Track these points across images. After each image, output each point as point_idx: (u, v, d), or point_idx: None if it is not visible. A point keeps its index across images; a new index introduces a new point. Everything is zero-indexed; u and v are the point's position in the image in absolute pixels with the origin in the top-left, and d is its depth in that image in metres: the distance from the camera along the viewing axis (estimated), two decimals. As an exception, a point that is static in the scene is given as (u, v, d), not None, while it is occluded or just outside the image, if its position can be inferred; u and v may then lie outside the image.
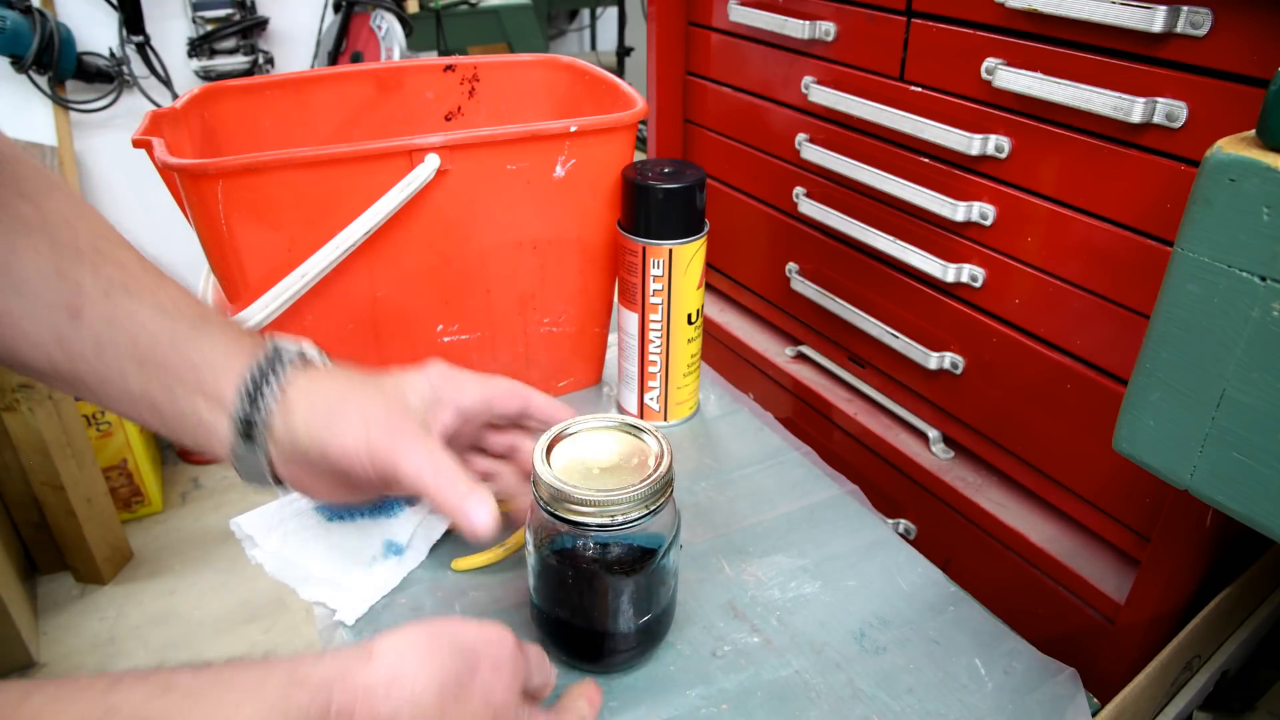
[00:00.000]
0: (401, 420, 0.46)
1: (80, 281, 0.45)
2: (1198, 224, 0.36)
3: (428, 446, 0.45)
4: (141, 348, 0.45)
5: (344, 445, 0.45)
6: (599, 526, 0.45)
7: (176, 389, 0.46)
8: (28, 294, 0.45)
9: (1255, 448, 0.36)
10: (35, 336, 0.45)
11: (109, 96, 1.75)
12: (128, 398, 0.46)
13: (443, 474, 0.44)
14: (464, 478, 0.45)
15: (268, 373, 0.45)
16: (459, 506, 0.44)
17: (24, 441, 1.49)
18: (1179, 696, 0.54)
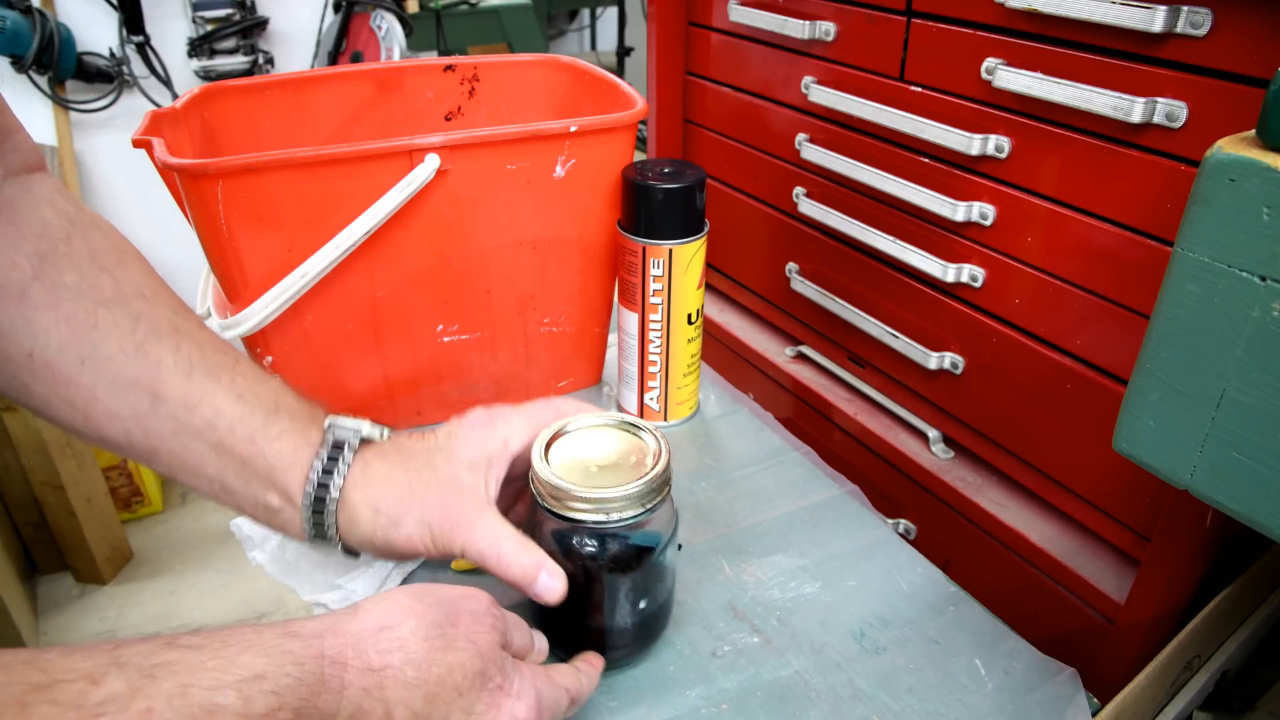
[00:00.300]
0: (458, 503, 0.47)
1: (161, 360, 0.47)
2: (1198, 224, 0.36)
3: (487, 526, 0.47)
4: (219, 433, 0.47)
5: (411, 543, 0.47)
6: (596, 524, 0.45)
7: (251, 480, 0.48)
8: (108, 369, 0.46)
9: (1255, 448, 0.36)
10: (114, 411, 0.47)
11: (109, 96, 1.75)
12: (204, 479, 0.48)
13: (505, 554, 0.46)
14: (525, 552, 0.46)
15: (331, 472, 0.47)
16: (527, 585, 0.46)
17: (24, 441, 1.49)
18: (1179, 696, 0.54)
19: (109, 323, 0.47)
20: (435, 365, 0.69)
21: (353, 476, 0.48)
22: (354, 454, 0.48)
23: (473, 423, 0.51)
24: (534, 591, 0.45)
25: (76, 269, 0.47)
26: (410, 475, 0.48)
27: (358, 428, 0.49)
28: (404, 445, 0.50)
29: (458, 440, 0.50)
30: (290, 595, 0.55)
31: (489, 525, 0.47)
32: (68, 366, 0.46)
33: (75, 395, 0.46)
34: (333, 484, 0.47)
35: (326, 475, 0.47)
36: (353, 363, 0.66)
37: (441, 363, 0.69)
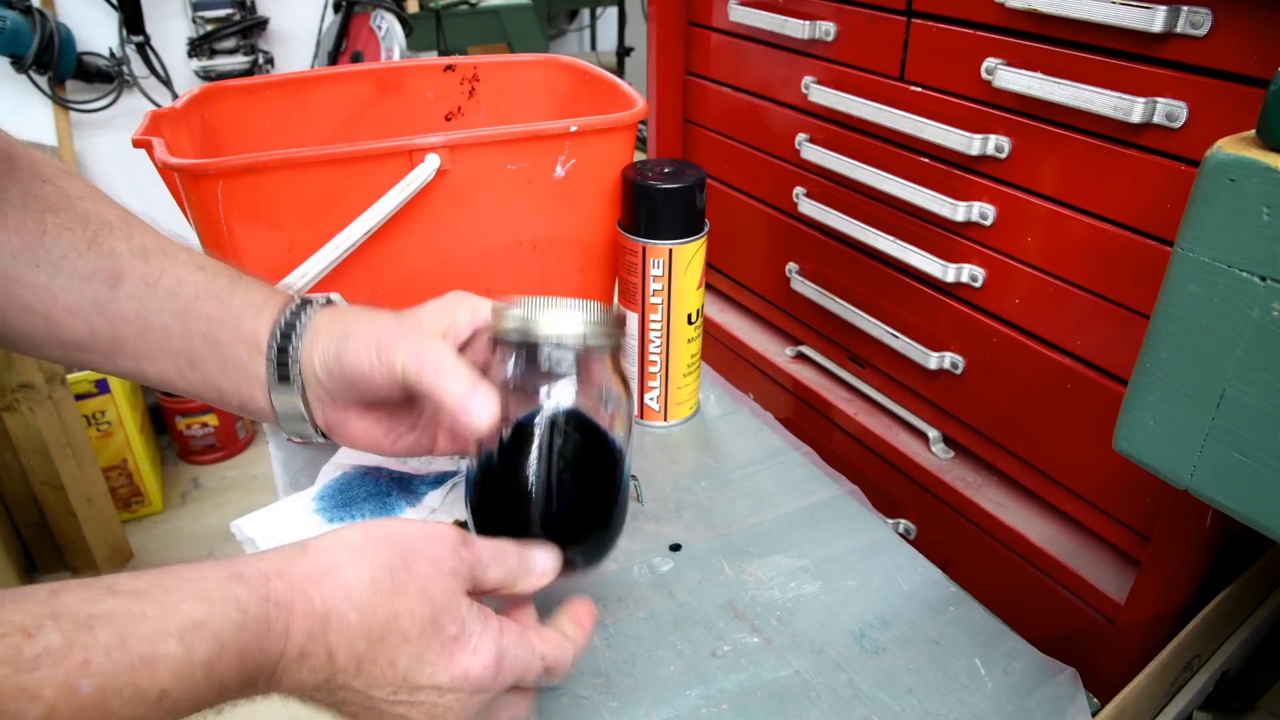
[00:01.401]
0: (411, 328, 0.47)
1: (115, 249, 0.48)
2: (1198, 224, 0.36)
3: (432, 345, 0.46)
4: (182, 301, 0.47)
5: (357, 356, 0.46)
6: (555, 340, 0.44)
7: (218, 336, 0.48)
8: (64, 268, 0.47)
9: (1255, 448, 0.36)
10: (74, 306, 0.47)
11: (109, 96, 1.76)
12: (169, 353, 0.48)
13: (444, 371, 0.45)
14: (466, 374, 0.45)
15: (299, 312, 0.48)
16: (457, 402, 0.44)
17: (24, 441, 1.49)
18: (1179, 696, 0.54)
19: (58, 226, 0.47)
20: (435, 365, 0.69)
21: (320, 315, 0.48)
22: (319, 308, 0.49)
23: (445, 298, 0.51)
24: (467, 415, 0.44)
25: (19, 185, 0.47)
26: (373, 316, 0.49)
27: (324, 296, 0.50)
28: (369, 308, 0.51)
29: (426, 308, 0.50)
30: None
31: (434, 345, 0.46)
32: (22, 272, 0.46)
33: (34, 299, 0.46)
34: (302, 316, 0.48)
35: (295, 314, 0.48)
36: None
37: (441, 363, 0.69)
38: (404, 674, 0.37)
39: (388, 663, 0.37)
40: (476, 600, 0.41)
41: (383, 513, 0.59)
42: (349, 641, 0.36)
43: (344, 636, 0.36)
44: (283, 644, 0.35)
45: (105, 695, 0.29)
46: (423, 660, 0.38)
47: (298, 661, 0.35)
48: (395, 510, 0.59)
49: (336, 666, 0.36)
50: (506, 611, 0.43)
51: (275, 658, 0.34)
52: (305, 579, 0.36)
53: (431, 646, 0.38)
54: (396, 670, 0.37)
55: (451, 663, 0.38)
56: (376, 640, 0.37)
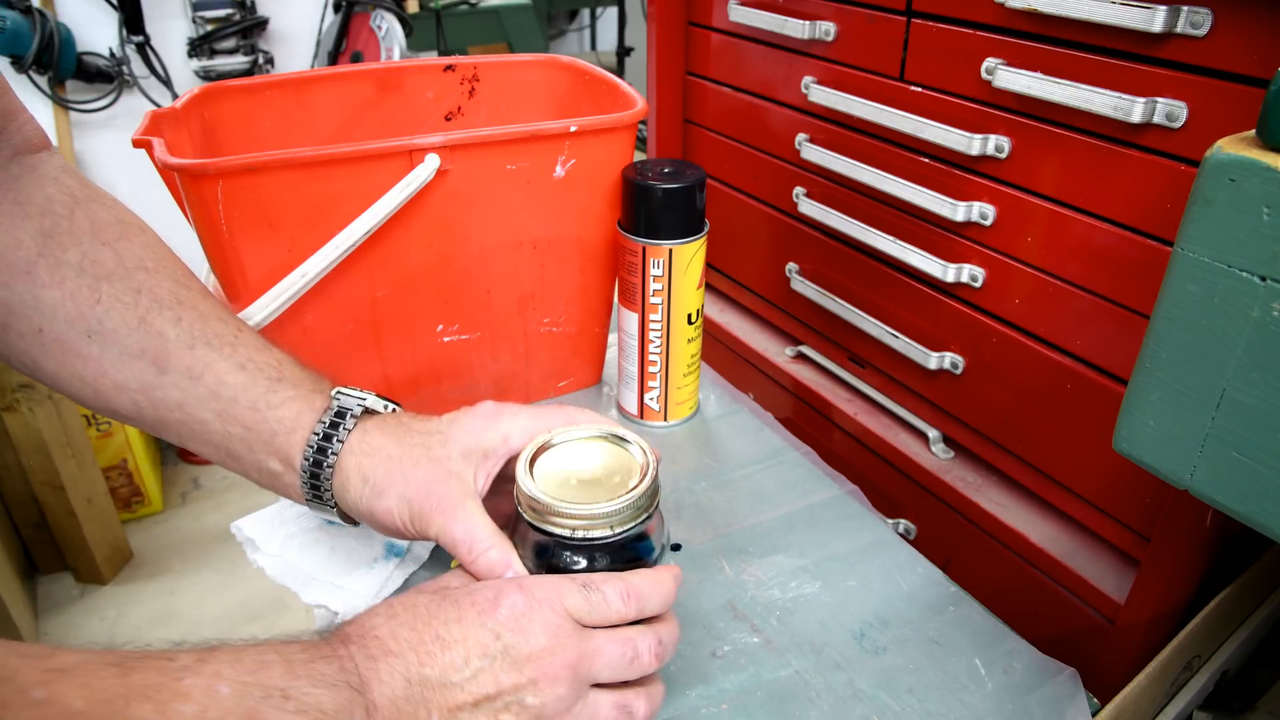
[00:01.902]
0: (443, 486, 0.47)
1: (164, 332, 0.48)
2: (1198, 224, 0.36)
3: (466, 514, 0.46)
4: (223, 402, 0.48)
5: (389, 516, 0.47)
6: (579, 540, 0.45)
7: (254, 446, 0.49)
8: (114, 343, 0.48)
9: (1255, 448, 0.36)
10: (121, 383, 0.48)
11: (109, 96, 1.76)
12: (210, 446, 0.49)
13: (477, 545, 0.45)
14: (497, 548, 0.45)
15: (331, 438, 0.48)
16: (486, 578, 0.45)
17: (24, 441, 1.49)
18: (1179, 696, 0.54)
19: (111, 297, 0.48)
20: (435, 365, 0.69)
21: (350, 444, 0.48)
22: (355, 422, 0.48)
23: (478, 413, 0.51)
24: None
25: (79, 245, 0.48)
26: (403, 450, 0.48)
27: (362, 398, 0.49)
28: (405, 421, 0.50)
29: (458, 427, 0.50)
30: (290, 596, 0.55)
31: (468, 514, 0.46)
32: (75, 341, 0.47)
33: (84, 369, 0.48)
34: (331, 449, 0.47)
35: (325, 441, 0.47)
36: (353, 363, 0.66)
37: (441, 363, 0.69)
38: (458, 641, 0.40)
39: (435, 638, 0.39)
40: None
41: (383, 513, 0.59)
42: (393, 631, 0.39)
43: (387, 629, 0.40)
44: (348, 648, 0.38)
45: (241, 697, 0.33)
46: (462, 621, 0.40)
47: (365, 656, 0.38)
48: (395, 510, 0.59)
49: (400, 658, 0.38)
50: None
51: (349, 655, 0.38)
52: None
53: (456, 606, 0.41)
54: (447, 642, 0.39)
55: (477, 605, 0.41)
56: (412, 624, 0.40)
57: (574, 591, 0.42)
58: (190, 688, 0.33)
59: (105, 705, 0.31)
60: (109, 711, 0.31)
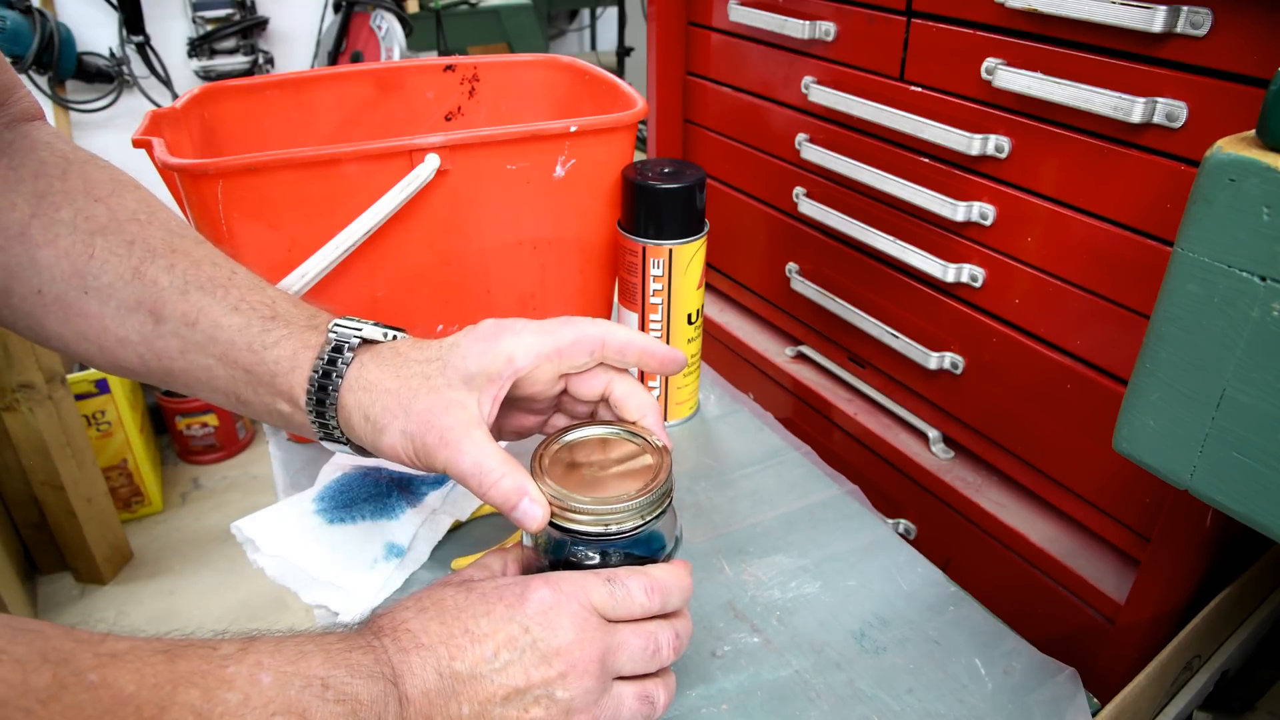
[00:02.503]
0: (445, 417, 0.45)
1: (158, 280, 0.47)
2: (1198, 224, 0.36)
3: (472, 444, 0.44)
4: (221, 346, 0.47)
5: (394, 452, 0.46)
6: (595, 535, 0.45)
7: (259, 388, 0.48)
8: (111, 296, 0.47)
9: (1255, 448, 0.36)
10: (123, 337, 0.48)
11: (109, 96, 1.76)
12: (220, 393, 0.49)
13: (488, 475, 0.44)
14: (510, 475, 0.44)
15: (329, 375, 0.46)
16: (509, 510, 0.44)
17: (24, 441, 1.49)
18: (1179, 696, 0.54)
19: (105, 251, 0.47)
20: (435, 365, 0.69)
21: (348, 380, 0.46)
22: (353, 355, 0.47)
23: (478, 334, 0.48)
24: (515, 517, 0.44)
25: (72, 204, 0.48)
26: (400, 382, 0.46)
27: (358, 329, 0.48)
28: (403, 351, 0.48)
29: (457, 352, 0.47)
30: (290, 596, 0.55)
31: (474, 444, 0.44)
32: (74, 299, 0.47)
33: (87, 327, 0.48)
34: (331, 386, 0.46)
35: (325, 379, 0.46)
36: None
37: (441, 363, 0.69)
38: (487, 635, 0.40)
39: (464, 631, 0.40)
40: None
41: (383, 513, 0.59)
42: (424, 625, 0.40)
43: (417, 623, 0.40)
44: (381, 641, 0.39)
45: (282, 686, 0.34)
46: (490, 615, 0.40)
47: (398, 649, 0.38)
48: (395, 510, 0.59)
49: (432, 651, 0.39)
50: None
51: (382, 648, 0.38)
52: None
53: (484, 600, 0.41)
54: (476, 636, 0.40)
55: (505, 599, 0.41)
56: (441, 617, 0.40)
57: (599, 586, 0.42)
58: (234, 675, 0.34)
59: (154, 690, 0.32)
60: (158, 696, 0.32)
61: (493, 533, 0.60)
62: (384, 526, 0.58)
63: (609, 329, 0.48)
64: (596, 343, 0.48)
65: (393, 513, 0.59)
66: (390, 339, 0.49)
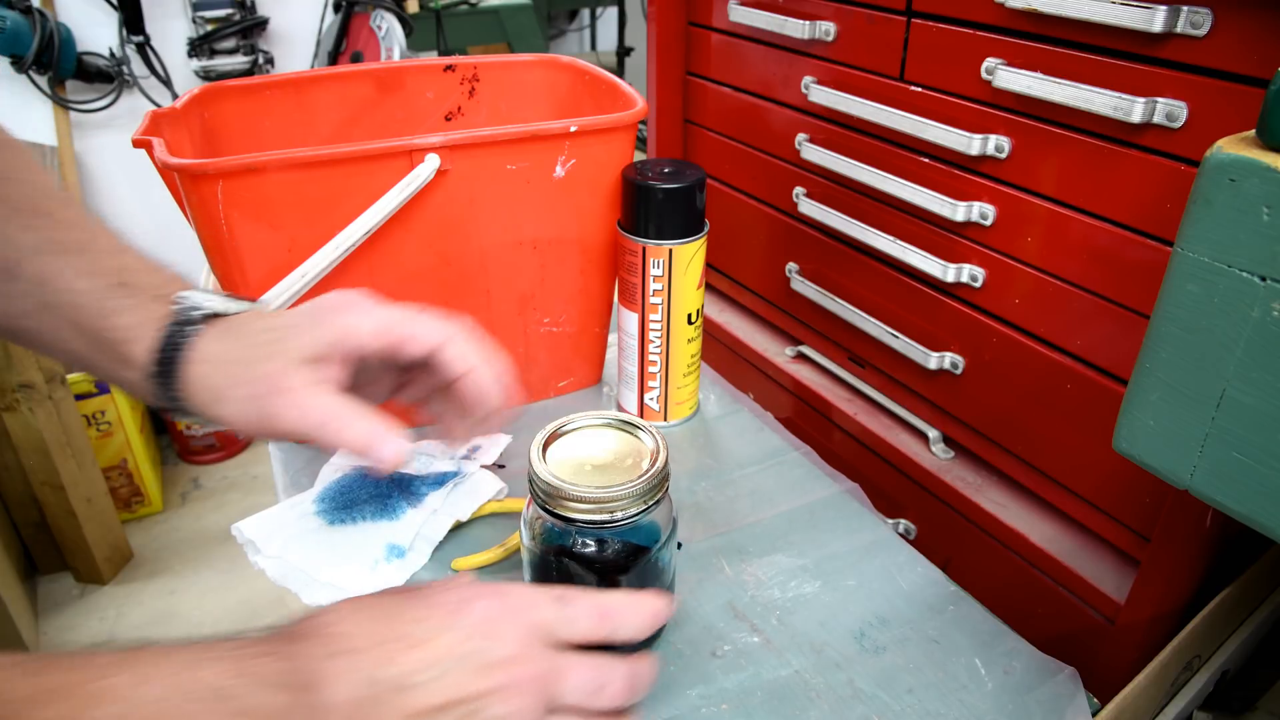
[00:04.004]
0: (293, 379, 0.44)
1: (15, 239, 0.47)
2: (1198, 224, 0.36)
3: (319, 397, 0.44)
4: (70, 309, 0.46)
5: (236, 419, 0.45)
6: (593, 523, 0.45)
7: (105, 355, 0.47)
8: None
9: (1255, 448, 0.36)
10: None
11: (109, 96, 1.75)
12: (70, 355, 0.47)
13: (344, 419, 0.43)
14: (365, 418, 0.43)
15: (172, 349, 0.46)
16: (372, 449, 0.43)
17: (24, 441, 1.49)
18: (1179, 696, 0.54)
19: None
20: (435, 365, 0.69)
21: (192, 353, 0.46)
22: (196, 329, 0.46)
23: (324, 305, 0.47)
24: (379, 456, 0.43)
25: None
26: (244, 351, 0.46)
27: (204, 303, 0.47)
28: (248, 322, 0.47)
29: (305, 322, 0.46)
30: (291, 597, 0.55)
31: (320, 396, 0.44)
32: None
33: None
34: (174, 359, 0.45)
35: (165, 353, 0.45)
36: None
37: (441, 363, 0.69)
38: (424, 641, 0.38)
39: (399, 637, 0.37)
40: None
41: (384, 514, 0.59)
42: (356, 628, 0.38)
43: (348, 626, 0.38)
44: (304, 644, 0.36)
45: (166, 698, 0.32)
46: (429, 622, 0.38)
47: (324, 654, 0.36)
48: (396, 511, 0.59)
49: (362, 656, 0.37)
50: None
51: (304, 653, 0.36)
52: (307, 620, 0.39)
53: (425, 605, 0.39)
54: (413, 642, 0.37)
55: (446, 606, 0.39)
56: (375, 622, 0.38)
57: (547, 603, 0.41)
58: (109, 689, 0.31)
59: (4, 707, 0.30)
60: (9, 713, 0.30)
61: (493, 533, 0.60)
62: (384, 527, 0.58)
63: (452, 338, 0.47)
64: (431, 346, 0.47)
65: (393, 513, 0.59)
66: (237, 312, 0.48)
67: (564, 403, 0.75)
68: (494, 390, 0.48)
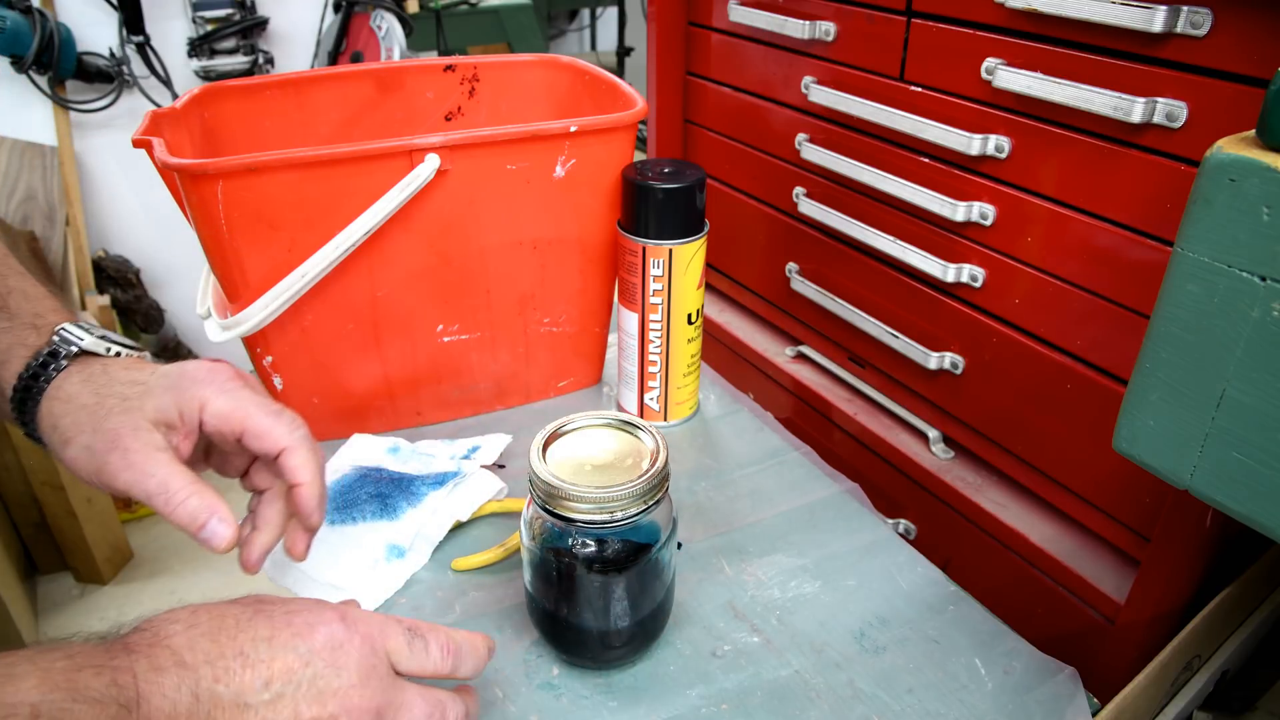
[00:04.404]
0: (133, 440, 0.45)
1: None
2: (1198, 224, 0.36)
3: (157, 466, 0.44)
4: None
5: (75, 466, 0.45)
6: (593, 523, 0.45)
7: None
8: None
9: (1255, 448, 0.36)
10: None
11: (109, 96, 1.75)
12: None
13: (175, 494, 0.44)
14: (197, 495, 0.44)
15: (38, 377, 0.46)
16: (196, 530, 0.44)
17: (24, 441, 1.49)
18: (1179, 696, 0.54)
19: None
20: (435, 365, 0.69)
21: (50, 389, 0.46)
22: (64, 364, 0.47)
23: (187, 372, 0.47)
24: (202, 538, 0.44)
25: None
26: (98, 399, 0.46)
27: (79, 338, 0.47)
28: (113, 371, 0.48)
29: (162, 384, 0.47)
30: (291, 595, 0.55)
31: (159, 465, 0.44)
32: None
33: None
34: (36, 389, 0.46)
35: (29, 382, 0.46)
36: (353, 363, 0.66)
37: (441, 363, 0.69)
38: (263, 661, 0.37)
39: (238, 653, 0.36)
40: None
41: (384, 514, 0.59)
42: (191, 642, 0.36)
43: (184, 639, 0.36)
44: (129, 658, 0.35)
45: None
46: (272, 640, 0.37)
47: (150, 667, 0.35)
48: (397, 511, 0.59)
49: (193, 671, 0.35)
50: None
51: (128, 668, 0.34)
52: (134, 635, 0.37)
53: (269, 623, 0.38)
54: (251, 660, 0.36)
55: (292, 626, 0.38)
56: (214, 635, 0.37)
57: (397, 633, 0.41)
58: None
59: None
60: None
61: (493, 533, 0.60)
62: (384, 527, 0.58)
63: (294, 448, 0.47)
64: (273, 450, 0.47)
65: (393, 513, 0.59)
66: (113, 354, 0.49)
67: (564, 403, 0.75)
68: (316, 510, 0.48)
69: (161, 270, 1.91)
